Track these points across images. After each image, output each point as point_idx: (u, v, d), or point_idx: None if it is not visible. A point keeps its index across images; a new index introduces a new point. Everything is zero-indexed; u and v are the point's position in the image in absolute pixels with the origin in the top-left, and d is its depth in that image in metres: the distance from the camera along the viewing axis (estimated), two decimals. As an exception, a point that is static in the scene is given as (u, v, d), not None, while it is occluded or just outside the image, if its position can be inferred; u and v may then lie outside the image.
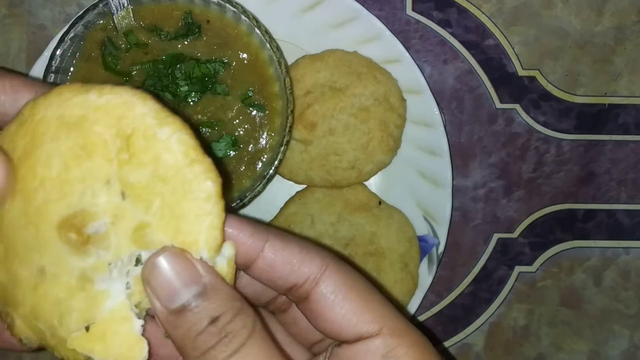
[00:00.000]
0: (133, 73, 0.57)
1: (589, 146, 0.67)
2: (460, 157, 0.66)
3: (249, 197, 0.57)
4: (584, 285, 0.68)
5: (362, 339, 0.33)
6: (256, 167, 0.58)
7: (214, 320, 0.30)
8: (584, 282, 0.68)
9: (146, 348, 0.33)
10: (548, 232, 0.67)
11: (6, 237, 0.35)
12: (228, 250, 0.33)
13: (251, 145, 0.58)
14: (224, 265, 0.33)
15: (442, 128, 0.61)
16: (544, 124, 0.66)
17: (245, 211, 0.58)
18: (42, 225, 0.34)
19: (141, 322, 0.33)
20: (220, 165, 0.35)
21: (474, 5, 0.65)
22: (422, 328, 0.66)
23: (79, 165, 0.34)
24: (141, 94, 0.34)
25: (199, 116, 0.57)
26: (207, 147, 0.37)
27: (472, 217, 0.67)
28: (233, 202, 0.57)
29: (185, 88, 0.56)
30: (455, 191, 0.65)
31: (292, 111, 0.57)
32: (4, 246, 0.35)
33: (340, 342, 0.34)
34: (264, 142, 0.58)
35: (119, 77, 0.57)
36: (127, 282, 0.33)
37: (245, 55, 0.58)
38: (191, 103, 0.57)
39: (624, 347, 0.69)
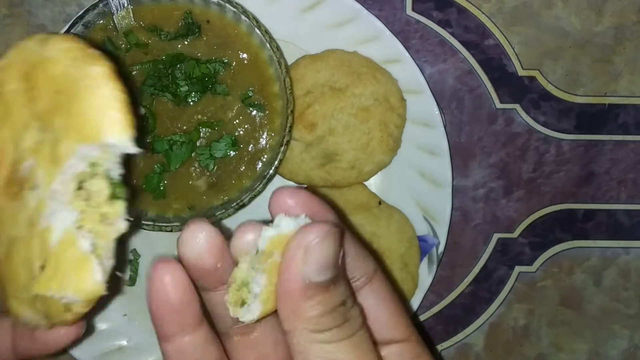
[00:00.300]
0: (133, 73, 0.57)
1: (589, 146, 0.67)
2: (460, 157, 0.66)
3: (249, 197, 0.57)
4: (584, 285, 0.68)
5: (394, 342, 0.36)
6: (256, 167, 0.58)
7: (343, 303, 0.31)
8: (584, 282, 0.68)
9: (97, 266, 0.30)
10: (548, 232, 0.67)
11: None
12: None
13: (251, 145, 0.58)
14: None
15: (442, 128, 0.61)
16: (544, 124, 0.66)
17: (245, 211, 0.58)
18: None
19: (88, 241, 0.30)
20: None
21: (474, 5, 0.65)
22: (422, 328, 0.66)
23: (3, 127, 0.33)
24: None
25: (199, 116, 0.57)
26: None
27: (472, 217, 0.67)
28: (233, 202, 0.57)
29: (185, 88, 0.56)
30: (455, 191, 0.65)
31: (292, 111, 0.57)
32: None
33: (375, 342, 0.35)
34: (264, 142, 0.58)
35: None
36: (74, 211, 0.30)
37: (245, 55, 0.57)
38: (191, 103, 0.57)
39: (624, 347, 0.69)
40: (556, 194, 0.67)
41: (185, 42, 0.57)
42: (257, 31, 0.56)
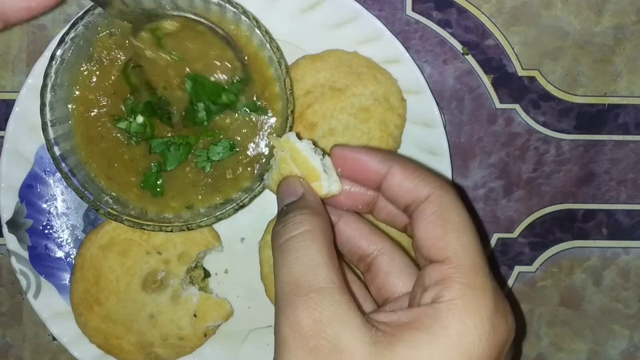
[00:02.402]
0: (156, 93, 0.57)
1: (589, 146, 0.67)
2: (460, 157, 0.66)
3: (249, 197, 0.57)
4: (584, 285, 0.68)
5: (432, 263, 0.38)
6: (254, 169, 0.58)
7: (285, 214, 0.41)
8: (584, 282, 0.68)
9: (228, 303, 0.63)
10: (548, 232, 0.67)
11: (119, 320, 0.61)
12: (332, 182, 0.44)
13: (251, 147, 0.58)
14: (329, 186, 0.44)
15: (442, 128, 0.61)
16: (544, 124, 0.66)
17: (245, 211, 0.58)
18: (132, 296, 0.61)
19: (212, 296, 0.63)
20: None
21: (473, 6, 0.65)
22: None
23: (124, 264, 0.61)
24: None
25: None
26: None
27: (472, 217, 0.67)
28: (233, 202, 0.57)
29: (203, 114, 0.57)
30: (455, 191, 0.65)
31: (292, 111, 0.57)
32: (124, 326, 0.61)
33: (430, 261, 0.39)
34: (264, 143, 0.58)
35: (129, 88, 0.57)
36: (195, 285, 0.63)
37: (245, 57, 0.58)
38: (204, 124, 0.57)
39: (624, 346, 0.69)
40: (556, 194, 0.67)
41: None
42: (257, 31, 0.56)
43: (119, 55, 0.57)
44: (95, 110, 0.57)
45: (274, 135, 0.52)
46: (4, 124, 0.61)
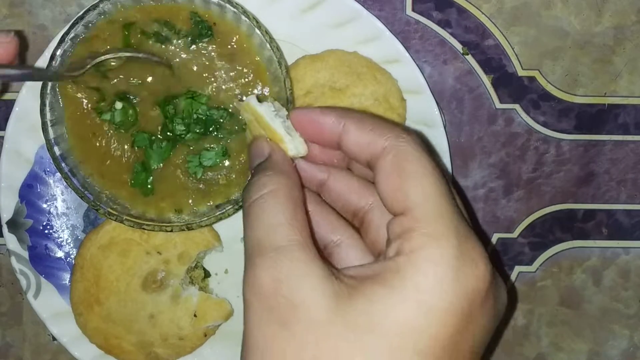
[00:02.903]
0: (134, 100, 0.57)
1: (589, 146, 0.67)
2: (460, 157, 0.66)
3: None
4: (584, 285, 0.68)
5: (395, 216, 0.36)
6: (248, 176, 0.58)
7: (252, 176, 0.41)
8: (584, 282, 0.68)
9: (228, 304, 0.63)
10: (548, 232, 0.67)
11: (119, 320, 0.61)
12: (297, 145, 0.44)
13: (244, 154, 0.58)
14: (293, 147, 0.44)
15: (442, 128, 0.61)
16: (544, 124, 0.66)
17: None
18: (132, 296, 0.61)
19: (213, 295, 0.64)
20: None
21: (473, 6, 0.65)
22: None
23: (124, 264, 0.61)
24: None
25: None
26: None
27: (472, 217, 0.67)
28: (233, 202, 0.57)
29: (182, 127, 0.56)
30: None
31: (292, 111, 0.57)
32: (124, 326, 0.61)
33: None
34: None
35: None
36: (195, 285, 0.63)
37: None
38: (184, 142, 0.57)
39: (624, 346, 0.69)
40: (556, 194, 0.67)
41: (194, 47, 0.57)
42: (257, 31, 0.56)
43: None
44: (84, 107, 0.57)
45: (238, 99, 0.52)
46: (4, 124, 0.61)
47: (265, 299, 0.34)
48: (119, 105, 0.56)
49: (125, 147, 0.57)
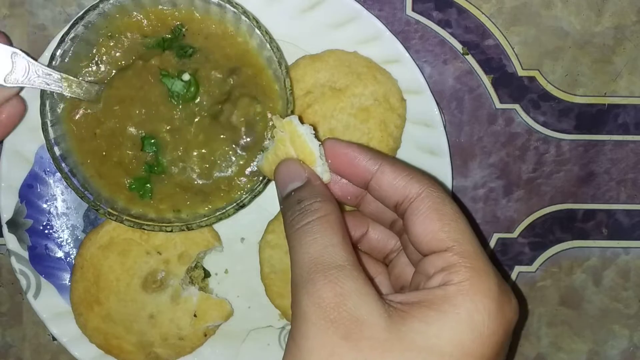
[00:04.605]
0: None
1: (589, 146, 0.67)
2: (460, 157, 0.66)
3: (249, 197, 0.57)
4: (584, 285, 0.68)
5: (433, 253, 0.39)
6: (248, 183, 0.58)
7: (299, 202, 0.42)
8: (584, 282, 0.68)
9: (228, 304, 0.63)
10: (548, 232, 0.67)
11: (119, 320, 0.61)
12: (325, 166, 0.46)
13: (252, 163, 0.58)
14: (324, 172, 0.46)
15: (442, 128, 0.61)
16: (544, 124, 0.66)
17: (245, 211, 0.58)
18: (132, 296, 0.61)
19: (213, 295, 0.63)
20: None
21: (473, 6, 0.65)
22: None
23: (124, 264, 0.61)
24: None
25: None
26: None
27: (471, 217, 0.67)
28: (233, 202, 0.57)
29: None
30: (455, 191, 0.65)
31: (293, 111, 0.57)
32: (124, 326, 0.61)
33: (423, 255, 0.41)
34: (264, 143, 0.58)
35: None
36: (195, 285, 0.63)
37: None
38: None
39: (624, 346, 0.69)
40: (556, 194, 0.67)
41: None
42: (257, 31, 0.56)
43: (117, 55, 0.57)
44: (83, 109, 0.57)
45: (277, 115, 0.53)
46: (4, 124, 0.61)
47: (327, 312, 0.37)
48: (186, 77, 0.56)
49: (127, 151, 0.57)
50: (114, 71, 0.57)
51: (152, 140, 0.56)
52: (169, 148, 0.57)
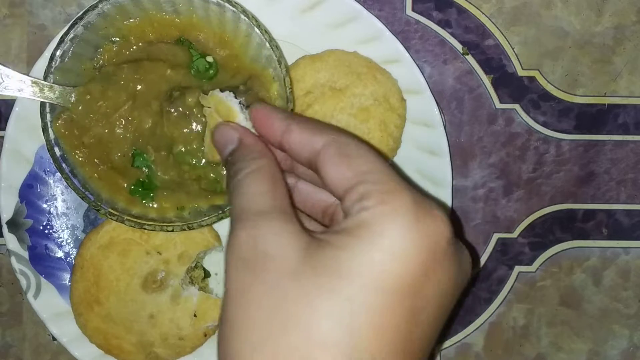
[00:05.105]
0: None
1: (589, 146, 0.67)
2: (460, 157, 0.66)
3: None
4: (584, 285, 0.68)
5: (347, 193, 0.38)
6: None
7: (234, 164, 0.43)
8: (584, 282, 0.68)
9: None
10: (548, 232, 0.67)
11: (119, 320, 0.61)
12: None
13: None
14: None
15: (442, 128, 0.61)
16: (544, 124, 0.66)
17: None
18: (132, 296, 0.61)
19: (213, 294, 0.64)
20: None
21: (473, 6, 0.65)
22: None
23: (124, 264, 0.61)
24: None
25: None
26: None
27: (471, 217, 0.67)
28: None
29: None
30: (455, 191, 0.66)
31: (293, 110, 0.57)
32: (124, 326, 0.61)
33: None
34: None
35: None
36: (195, 285, 0.63)
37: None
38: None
39: (624, 346, 0.69)
40: (556, 194, 0.67)
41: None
42: (257, 31, 0.56)
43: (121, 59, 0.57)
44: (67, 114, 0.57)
45: (202, 95, 0.52)
46: (4, 123, 0.61)
47: (242, 253, 0.37)
48: (210, 58, 0.56)
49: (117, 158, 0.57)
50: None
51: (144, 156, 0.56)
52: (159, 162, 0.56)
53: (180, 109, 0.55)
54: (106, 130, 0.56)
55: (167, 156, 0.56)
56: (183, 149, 0.55)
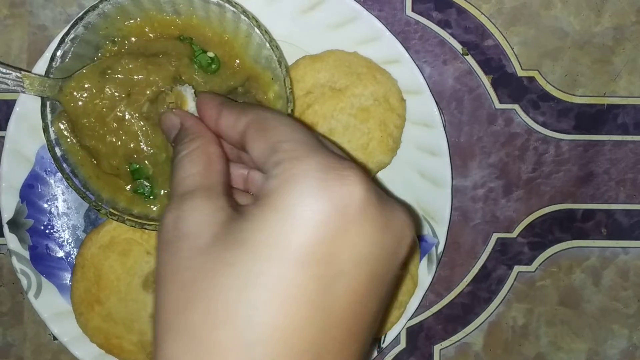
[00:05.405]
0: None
1: (588, 146, 0.67)
2: (459, 157, 0.66)
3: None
4: (583, 285, 0.68)
5: (264, 165, 0.37)
6: None
7: (175, 147, 0.44)
8: (583, 281, 0.68)
9: None
10: (547, 231, 0.67)
11: (120, 320, 0.61)
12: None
13: None
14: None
15: (442, 128, 0.62)
16: (543, 124, 0.66)
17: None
18: (132, 295, 0.61)
19: None
20: None
21: (473, 6, 0.65)
22: (422, 327, 0.67)
23: (125, 263, 0.61)
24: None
25: None
26: None
27: (471, 217, 0.67)
28: None
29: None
30: (455, 191, 0.66)
31: (293, 111, 0.57)
32: (125, 326, 0.61)
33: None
34: None
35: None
36: None
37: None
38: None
39: (623, 346, 0.69)
40: (555, 194, 0.67)
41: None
42: (257, 31, 0.56)
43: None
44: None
45: (169, 93, 0.54)
46: (5, 124, 0.61)
47: (165, 236, 0.37)
48: (211, 53, 0.56)
49: (113, 163, 0.57)
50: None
51: (143, 170, 0.56)
52: (159, 174, 0.56)
53: (159, 112, 0.54)
54: (104, 134, 0.55)
55: (163, 167, 0.56)
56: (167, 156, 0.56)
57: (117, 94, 0.55)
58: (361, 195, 0.33)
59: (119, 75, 0.54)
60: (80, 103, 0.54)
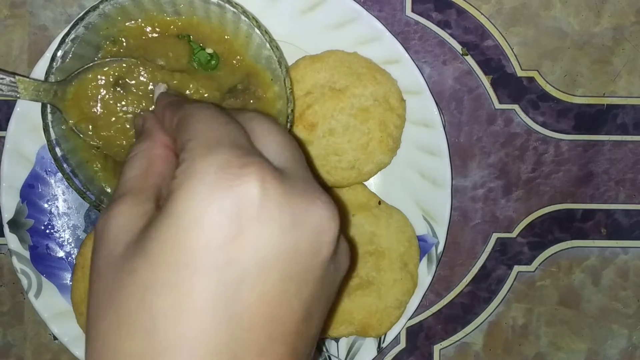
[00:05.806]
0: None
1: (588, 146, 0.67)
2: (459, 157, 0.66)
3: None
4: (583, 285, 0.68)
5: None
6: None
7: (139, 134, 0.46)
8: (583, 281, 0.68)
9: None
10: (547, 231, 0.68)
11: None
12: None
13: None
14: None
15: (442, 128, 0.62)
16: (543, 125, 0.66)
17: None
18: None
19: None
20: None
21: (473, 7, 0.65)
22: (422, 327, 0.67)
23: None
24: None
25: None
26: None
27: (471, 217, 0.67)
28: None
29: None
30: (455, 191, 0.66)
31: (293, 111, 0.57)
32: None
33: None
34: None
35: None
36: None
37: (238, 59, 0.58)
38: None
39: (623, 346, 0.69)
40: (555, 194, 0.67)
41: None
42: (257, 31, 0.56)
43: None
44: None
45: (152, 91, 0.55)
46: (5, 124, 0.61)
47: (95, 238, 0.37)
48: (210, 50, 0.57)
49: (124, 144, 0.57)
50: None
51: None
52: None
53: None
54: (107, 136, 0.56)
55: None
56: None
57: (119, 102, 0.55)
58: (257, 193, 0.31)
59: (126, 85, 0.55)
60: (80, 109, 0.55)
